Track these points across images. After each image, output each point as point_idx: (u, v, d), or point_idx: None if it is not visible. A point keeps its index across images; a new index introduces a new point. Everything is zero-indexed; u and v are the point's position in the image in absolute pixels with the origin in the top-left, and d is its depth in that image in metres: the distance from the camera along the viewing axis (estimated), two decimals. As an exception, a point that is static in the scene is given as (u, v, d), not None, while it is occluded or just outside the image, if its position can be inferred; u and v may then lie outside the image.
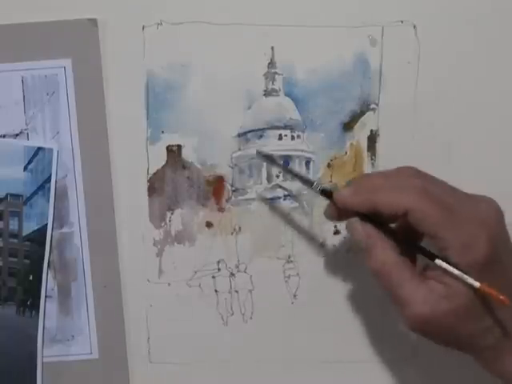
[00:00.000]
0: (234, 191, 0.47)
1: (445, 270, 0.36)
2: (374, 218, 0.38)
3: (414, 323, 0.37)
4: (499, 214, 0.38)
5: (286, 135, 0.46)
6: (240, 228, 0.47)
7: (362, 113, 0.46)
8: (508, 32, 0.46)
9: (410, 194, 0.37)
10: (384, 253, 0.37)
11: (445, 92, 0.46)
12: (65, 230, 0.46)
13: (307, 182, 0.43)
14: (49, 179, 0.45)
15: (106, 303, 0.47)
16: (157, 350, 0.48)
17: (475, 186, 0.47)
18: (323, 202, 0.47)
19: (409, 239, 0.39)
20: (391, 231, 0.39)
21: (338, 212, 0.40)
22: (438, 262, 0.36)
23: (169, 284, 0.48)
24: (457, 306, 0.36)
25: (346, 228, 0.40)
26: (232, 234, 0.47)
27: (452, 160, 0.47)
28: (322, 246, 0.48)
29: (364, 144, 0.47)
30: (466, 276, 0.35)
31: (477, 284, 0.35)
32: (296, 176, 0.44)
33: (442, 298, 0.36)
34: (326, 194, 0.41)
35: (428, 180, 0.38)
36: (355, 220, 0.39)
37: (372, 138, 0.47)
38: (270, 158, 0.45)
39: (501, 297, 0.34)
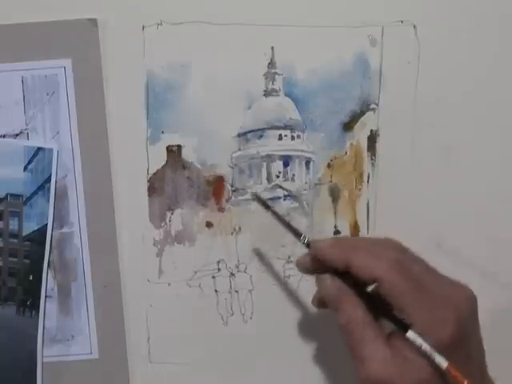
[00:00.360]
0: (233, 191, 0.47)
1: (412, 344, 0.35)
2: (348, 278, 0.38)
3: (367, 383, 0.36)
4: (471, 301, 0.37)
5: (285, 135, 0.46)
6: (240, 228, 0.47)
7: (362, 113, 0.46)
8: (509, 32, 0.46)
9: (384, 263, 0.36)
10: (351, 309, 0.37)
11: (445, 92, 0.46)
12: (65, 230, 0.46)
13: (295, 233, 0.42)
14: (49, 179, 0.45)
15: (106, 303, 0.47)
16: (157, 350, 0.48)
17: (475, 185, 0.47)
18: (323, 203, 0.47)
19: (382, 305, 0.37)
20: (364, 292, 0.38)
21: (313, 265, 0.40)
22: (410, 334, 0.35)
23: (169, 284, 0.48)
24: (417, 380, 0.34)
25: (316, 282, 0.39)
26: (232, 233, 0.47)
27: (451, 160, 0.47)
28: (322, 246, 0.47)
29: (364, 144, 0.47)
30: (434, 354, 0.34)
31: (444, 364, 0.34)
32: (284, 223, 0.43)
33: (400, 367, 0.35)
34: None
35: (407, 256, 0.38)
36: (326, 276, 0.38)
37: (372, 138, 0.47)
38: (264, 203, 0.44)
39: (465, 382, 0.33)
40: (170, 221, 0.47)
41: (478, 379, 0.36)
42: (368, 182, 0.47)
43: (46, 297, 0.46)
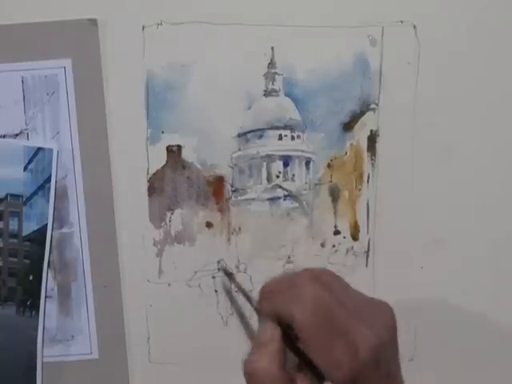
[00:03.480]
0: (233, 191, 0.47)
1: None
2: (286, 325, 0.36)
3: None
4: (387, 330, 0.36)
5: (285, 135, 0.46)
6: (240, 228, 0.47)
7: (362, 113, 0.46)
8: (508, 32, 0.46)
9: (299, 304, 0.35)
10: (269, 363, 0.36)
11: (444, 92, 0.46)
12: (65, 230, 0.46)
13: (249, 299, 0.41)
14: (49, 179, 0.45)
15: (105, 303, 0.47)
16: (157, 350, 0.48)
17: (474, 185, 0.47)
18: (323, 203, 0.47)
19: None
20: (293, 345, 0.36)
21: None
22: None
23: (169, 284, 0.48)
24: None
25: (258, 322, 0.39)
26: (232, 233, 0.47)
27: (451, 160, 0.47)
28: (322, 246, 0.48)
29: (364, 144, 0.47)
30: None
31: None
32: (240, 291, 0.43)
33: None
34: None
35: (325, 288, 0.36)
36: (269, 324, 0.37)
37: (372, 138, 0.47)
38: (231, 276, 0.45)
39: None
40: (170, 221, 0.47)
41: None
42: (368, 182, 0.47)
43: (46, 297, 0.46)
